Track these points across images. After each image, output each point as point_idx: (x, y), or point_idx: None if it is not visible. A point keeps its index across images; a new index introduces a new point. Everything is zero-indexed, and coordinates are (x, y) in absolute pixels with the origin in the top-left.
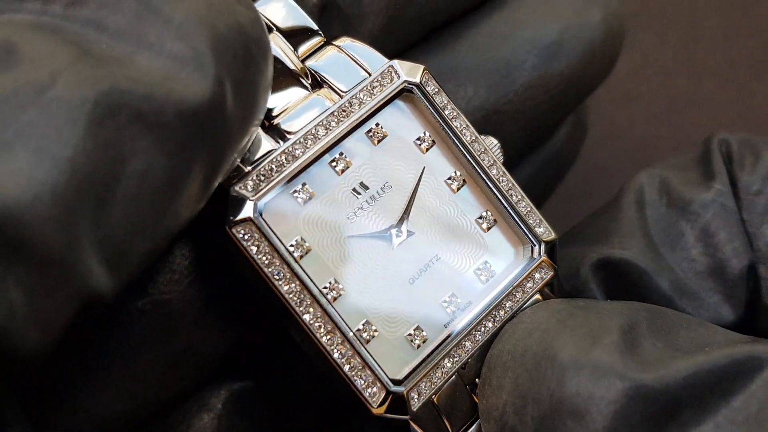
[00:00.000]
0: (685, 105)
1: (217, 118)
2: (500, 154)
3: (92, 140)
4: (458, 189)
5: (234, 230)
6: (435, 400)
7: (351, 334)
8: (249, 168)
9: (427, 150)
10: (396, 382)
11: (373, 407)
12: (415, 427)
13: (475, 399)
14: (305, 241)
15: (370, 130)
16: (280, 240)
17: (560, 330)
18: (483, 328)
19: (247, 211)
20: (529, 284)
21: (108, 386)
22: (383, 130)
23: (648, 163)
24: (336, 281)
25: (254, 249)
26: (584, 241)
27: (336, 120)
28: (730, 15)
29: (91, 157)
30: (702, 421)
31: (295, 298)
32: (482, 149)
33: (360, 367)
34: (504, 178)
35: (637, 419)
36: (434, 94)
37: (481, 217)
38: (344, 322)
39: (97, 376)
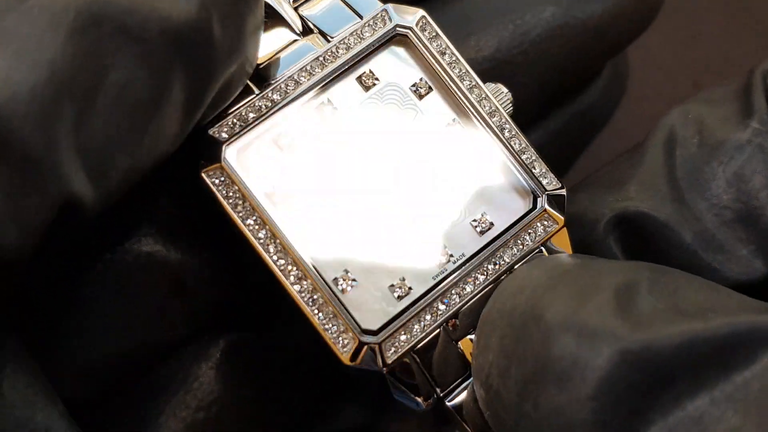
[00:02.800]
0: None
1: (201, 42)
2: (509, 104)
3: (73, 47)
4: (457, 137)
5: (205, 174)
6: (420, 355)
7: (325, 282)
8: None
9: (423, 97)
10: (369, 333)
11: (343, 357)
12: (392, 379)
13: (468, 357)
14: (283, 187)
15: (361, 76)
16: (251, 186)
17: (550, 288)
18: (474, 282)
19: (219, 155)
20: (528, 237)
21: (96, 330)
22: (375, 76)
23: None
24: (314, 228)
25: (224, 193)
26: (602, 189)
27: (321, 65)
28: (730, 15)
29: (72, 63)
30: (697, 395)
31: (265, 245)
32: (483, 96)
33: (332, 316)
34: (507, 126)
35: (623, 387)
36: (431, 38)
37: (480, 167)
38: (319, 269)
39: (86, 320)
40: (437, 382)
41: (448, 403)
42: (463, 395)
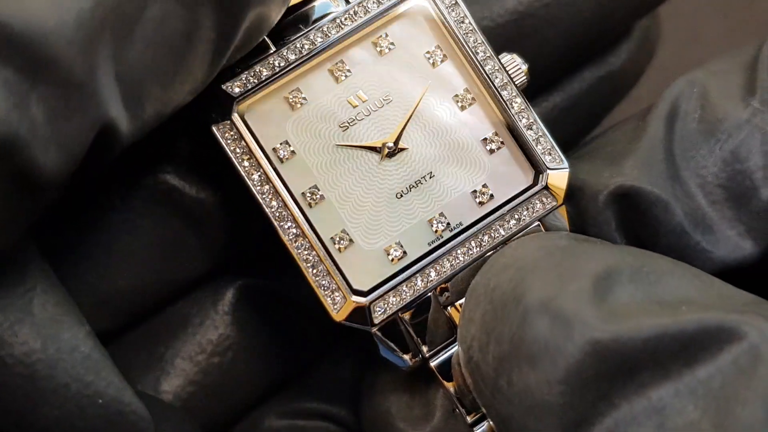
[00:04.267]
0: None
1: None
2: (522, 76)
3: None
4: (466, 107)
5: (216, 128)
6: (410, 318)
7: (321, 241)
8: (240, 69)
9: (437, 65)
10: (359, 293)
11: (333, 314)
12: (383, 339)
13: (456, 323)
14: (290, 145)
15: (376, 40)
16: (259, 142)
17: (532, 270)
18: (467, 251)
19: (230, 111)
20: (526, 212)
21: (113, 262)
22: (391, 40)
23: None
24: (317, 187)
25: (232, 148)
26: (601, 161)
27: (338, 27)
28: (730, 15)
29: None
30: (661, 385)
31: (267, 200)
32: (497, 67)
33: (324, 274)
34: (517, 99)
35: (591, 374)
36: (450, 6)
37: (486, 139)
38: (317, 228)
39: (103, 252)
40: (424, 343)
41: (432, 364)
42: (448, 356)
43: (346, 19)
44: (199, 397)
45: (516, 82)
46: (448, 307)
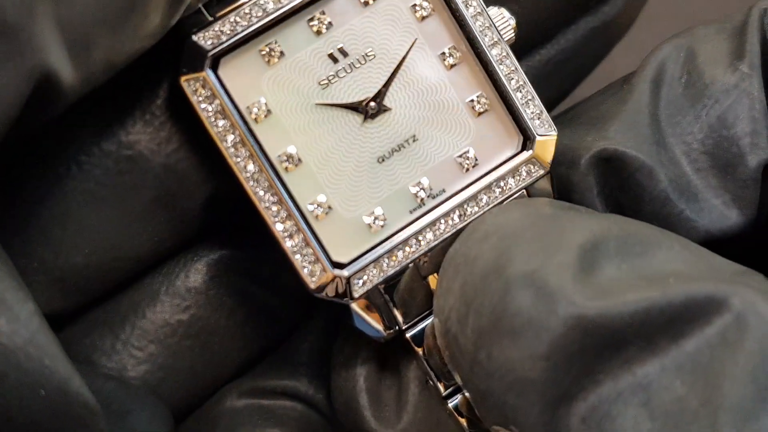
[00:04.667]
0: None
1: None
2: (510, 31)
3: None
4: (452, 66)
5: (185, 83)
6: (385, 287)
7: (299, 208)
8: (213, 18)
9: (424, 19)
10: (339, 265)
11: (311, 287)
12: (358, 311)
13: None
14: (266, 104)
15: None
16: (233, 100)
17: (515, 240)
18: (450, 221)
19: (202, 65)
20: (512, 180)
21: (68, 239)
22: None
23: None
24: (295, 151)
25: (204, 107)
26: (584, 125)
27: None
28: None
29: None
30: (647, 361)
31: (242, 164)
32: (486, 25)
33: (302, 245)
34: (507, 61)
35: (576, 349)
36: None
37: (472, 101)
38: (294, 195)
39: (57, 227)
40: (404, 314)
41: (407, 335)
42: (423, 327)
43: None
44: (169, 382)
45: (504, 38)
46: (427, 277)
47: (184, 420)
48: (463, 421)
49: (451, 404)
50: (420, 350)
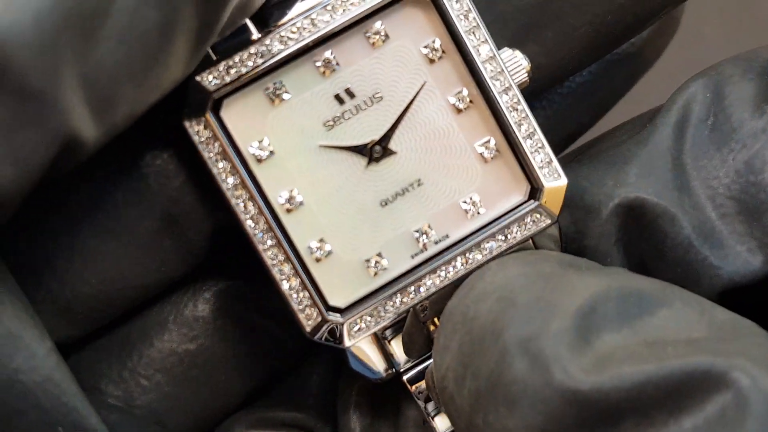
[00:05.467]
0: None
1: None
2: (524, 74)
3: None
4: (461, 111)
5: (188, 124)
6: (385, 333)
7: (297, 251)
8: (218, 57)
9: (435, 62)
10: (335, 310)
11: (306, 331)
12: (355, 353)
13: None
14: (269, 145)
15: (369, 32)
16: (234, 142)
17: (512, 302)
18: (452, 268)
19: (204, 107)
20: (517, 229)
21: (77, 269)
22: (386, 33)
23: None
24: (297, 191)
25: (204, 148)
26: (603, 166)
27: (329, 15)
28: (730, 15)
29: None
30: None
31: (242, 205)
32: (498, 70)
33: (299, 288)
34: (518, 107)
35: (571, 422)
36: None
37: (481, 146)
38: (293, 236)
39: (64, 258)
40: (399, 357)
41: (404, 378)
42: (421, 369)
43: (338, 7)
44: (175, 411)
45: (516, 81)
46: (426, 322)
47: None
48: None
49: None
50: (415, 388)
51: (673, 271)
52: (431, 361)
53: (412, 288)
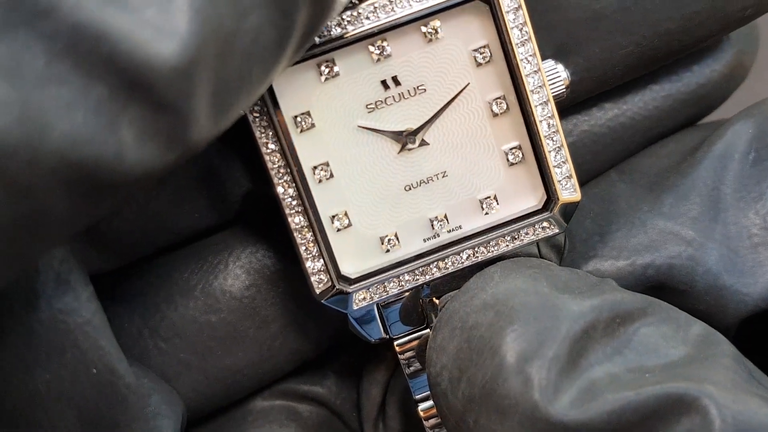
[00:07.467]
0: None
1: None
2: (562, 88)
3: None
4: (498, 115)
5: None
6: (385, 304)
7: (321, 219)
8: None
9: (481, 65)
10: (345, 279)
11: (315, 293)
12: (355, 323)
13: (428, 315)
14: (311, 117)
15: (425, 26)
16: (281, 110)
17: (510, 320)
18: (458, 258)
19: None
20: (527, 234)
21: None
22: (441, 31)
23: None
24: (328, 164)
25: (251, 110)
26: (642, 188)
27: (391, 7)
28: None
29: (219, 9)
30: None
31: (275, 169)
32: (539, 84)
33: (316, 254)
34: (550, 121)
35: None
36: (510, 10)
37: (509, 150)
38: (319, 206)
39: None
40: (394, 330)
41: (395, 344)
42: (412, 337)
43: (400, 1)
44: (184, 378)
45: (553, 94)
46: (424, 300)
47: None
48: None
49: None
50: (405, 356)
51: (702, 301)
52: (424, 332)
53: (418, 271)
